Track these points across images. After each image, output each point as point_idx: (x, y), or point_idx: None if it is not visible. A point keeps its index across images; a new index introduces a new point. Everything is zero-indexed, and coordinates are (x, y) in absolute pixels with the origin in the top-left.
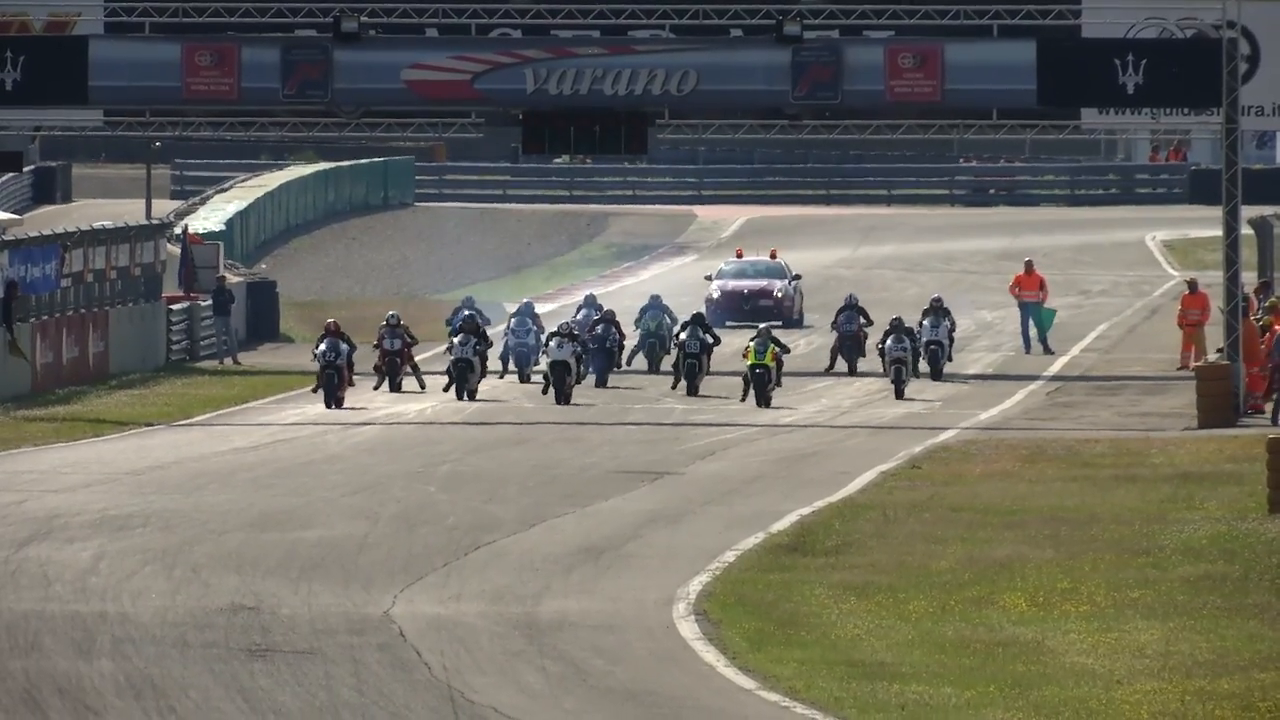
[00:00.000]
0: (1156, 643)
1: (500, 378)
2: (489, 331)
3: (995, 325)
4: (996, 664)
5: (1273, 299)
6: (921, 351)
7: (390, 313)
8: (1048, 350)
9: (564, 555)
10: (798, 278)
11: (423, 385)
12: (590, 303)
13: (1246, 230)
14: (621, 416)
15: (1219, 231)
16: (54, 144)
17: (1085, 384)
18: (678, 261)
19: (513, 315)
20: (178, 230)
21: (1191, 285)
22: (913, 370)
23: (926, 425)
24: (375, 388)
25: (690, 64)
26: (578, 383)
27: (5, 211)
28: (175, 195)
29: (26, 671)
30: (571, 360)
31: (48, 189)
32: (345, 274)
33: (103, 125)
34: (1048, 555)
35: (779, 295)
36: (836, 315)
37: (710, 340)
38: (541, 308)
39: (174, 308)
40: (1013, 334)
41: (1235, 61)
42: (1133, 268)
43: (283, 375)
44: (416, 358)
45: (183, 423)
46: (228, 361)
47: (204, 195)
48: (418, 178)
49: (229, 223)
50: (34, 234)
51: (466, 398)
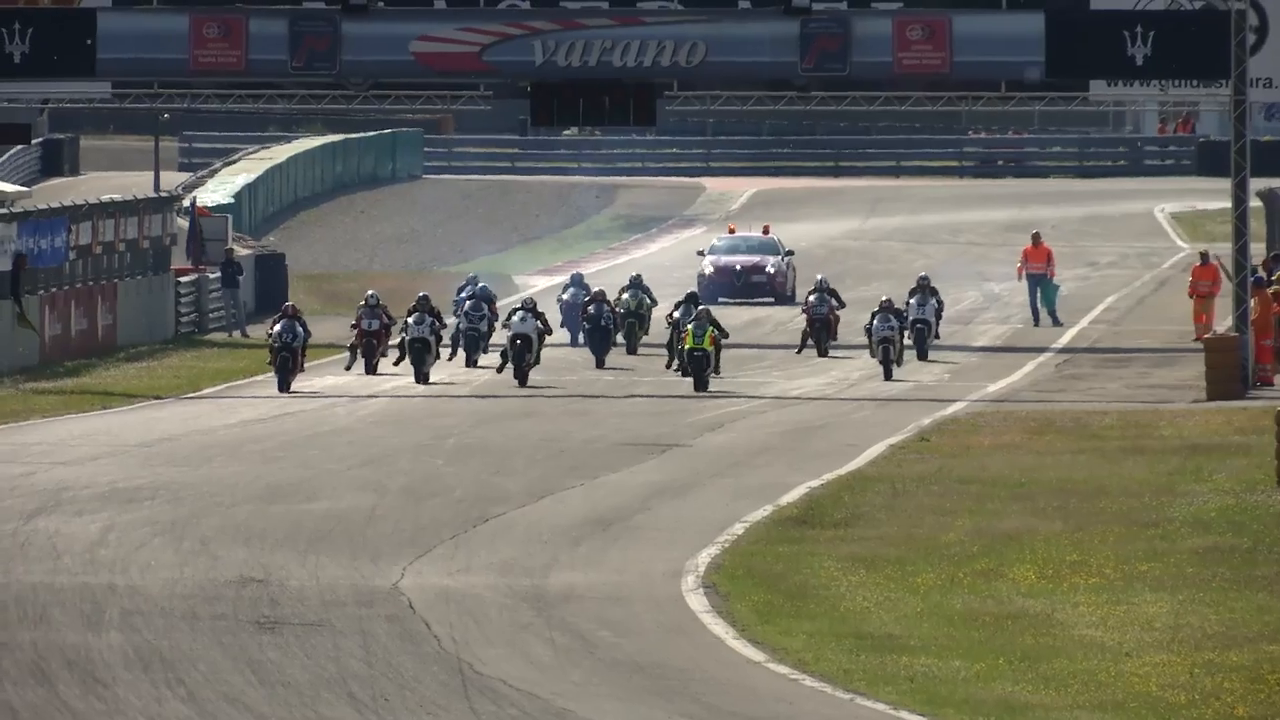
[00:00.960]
0: (1165, 615)
1: (450, 359)
2: (469, 310)
3: (1003, 297)
4: (1005, 636)
5: None
6: (908, 330)
7: (369, 292)
8: (1056, 322)
9: (572, 527)
10: (791, 254)
11: (398, 364)
12: (577, 281)
13: (1255, 202)
14: (630, 389)
15: (1227, 204)
16: (62, 116)
17: (1094, 356)
18: (686, 234)
19: (465, 289)
20: (186, 203)
21: (1203, 256)
22: (900, 350)
23: (935, 398)
24: (347, 368)
25: (699, 35)
26: (537, 362)
27: (13, 184)
28: (183, 168)
29: (35, 643)
30: (534, 336)
31: (56, 161)
32: (353, 246)
33: (110, 97)
34: (1056, 527)
35: (772, 271)
36: (807, 296)
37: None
38: (548, 280)
39: (182, 280)
40: (1020, 306)
41: (1244, 33)
42: (1141, 239)
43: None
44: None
45: (191, 395)
46: (236, 334)
47: (212, 168)
48: (426, 150)
49: (237, 195)
50: (42, 206)
51: (421, 380)
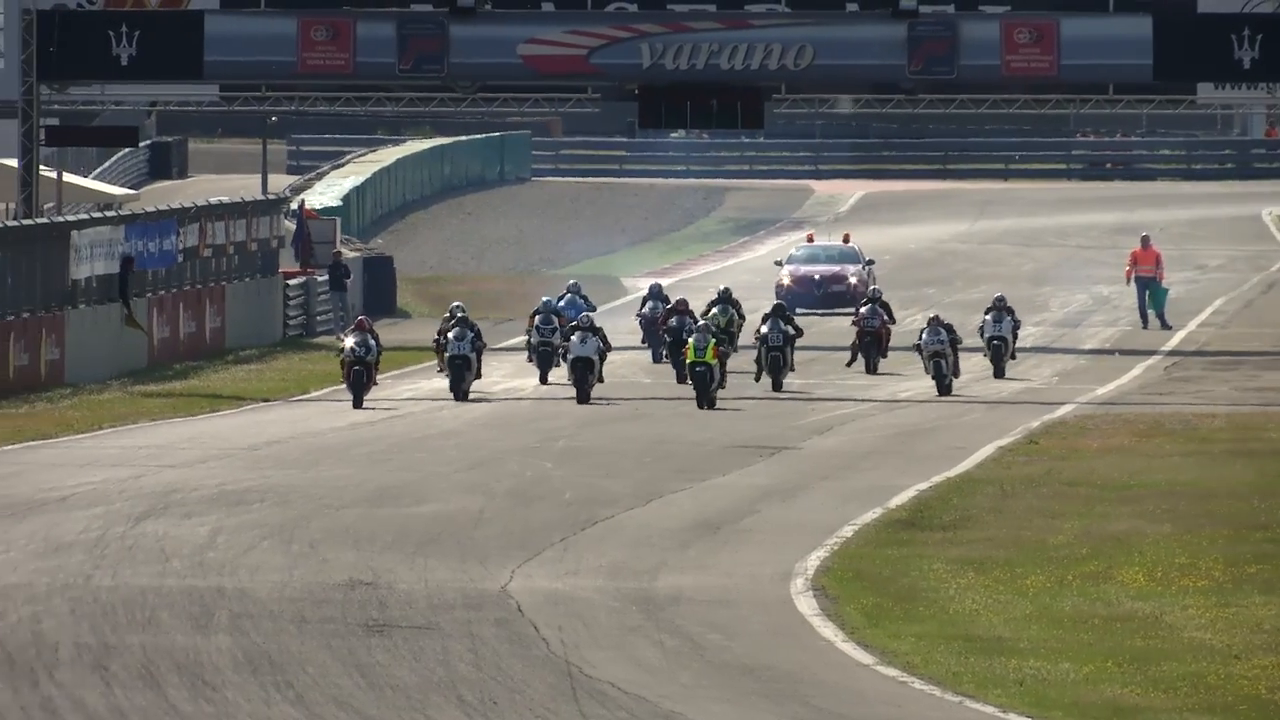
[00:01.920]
0: (1274, 617)
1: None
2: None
3: (1112, 300)
4: (1114, 639)
5: None
6: (986, 348)
7: (455, 303)
8: (1165, 325)
9: (680, 530)
10: (871, 262)
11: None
12: (656, 294)
13: None
14: (739, 391)
15: None
16: (170, 119)
17: (1202, 359)
18: (794, 236)
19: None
20: (294, 205)
21: None
22: (954, 364)
23: (1043, 400)
24: (440, 370)
25: (806, 38)
26: (600, 381)
27: (122, 187)
28: (291, 170)
29: (144, 646)
30: (595, 357)
31: (164, 164)
32: (462, 249)
33: (218, 100)
34: (1165, 530)
35: (853, 281)
36: (858, 308)
37: (793, 331)
38: (659, 281)
39: (290, 283)
40: (1129, 309)
41: None
42: (1248, 243)
43: (399, 351)
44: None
45: (299, 398)
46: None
47: (320, 170)
48: (534, 152)
49: (345, 198)
50: (150, 209)
51: (461, 398)
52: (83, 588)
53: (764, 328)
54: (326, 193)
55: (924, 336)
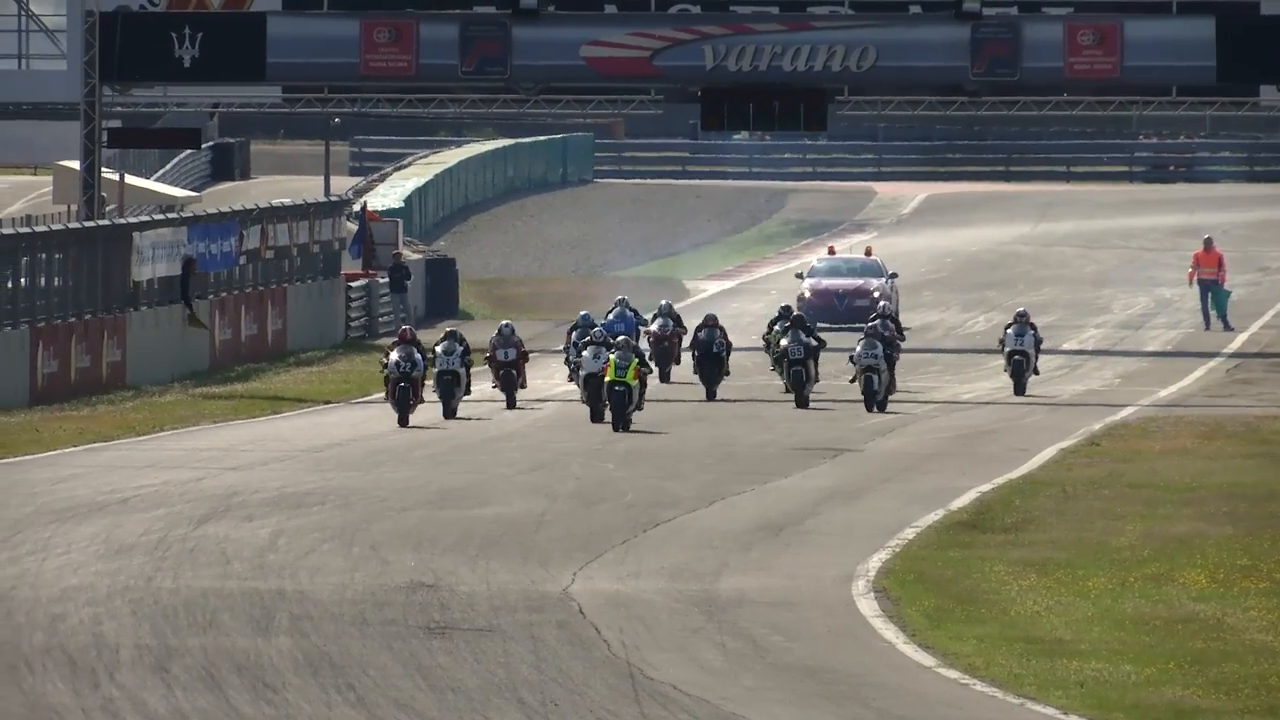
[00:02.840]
0: None
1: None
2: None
3: (1174, 303)
4: (1176, 641)
5: None
6: (1006, 362)
7: (504, 322)
8: (1227, 327)
9: (742, 532)
10: (894, 276)
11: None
12: (666, 311)
13: None
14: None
15: None
16: (232, 121)
17: (1264, 361)
18: (857, 238)
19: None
20: (356, 207)
21: None
22: (886, 383)
23: (1105, 402)
24: (508, 406)
25: (869, 40)
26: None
27: (184, 188)
28: (354, 172)
29: (205, 649)
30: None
31: (226, 166)
32: (524, 251)
33: (281, 102)
34: (1227, 532)
35: (876, 295)
36: (869, 321)
37: (815, 343)
38: (719, 285)
39: (352, 285)
40: (1191, 311)
41: None
42: None
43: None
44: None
45: (361, 400)
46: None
47: (382, 172)
48: (597, 154)
49: (408, 199)
50: (212, 211)
51: (449, 415)
52: (144, 590)
53: (784, 341)
54: (389, 194)
55: (859, 348)
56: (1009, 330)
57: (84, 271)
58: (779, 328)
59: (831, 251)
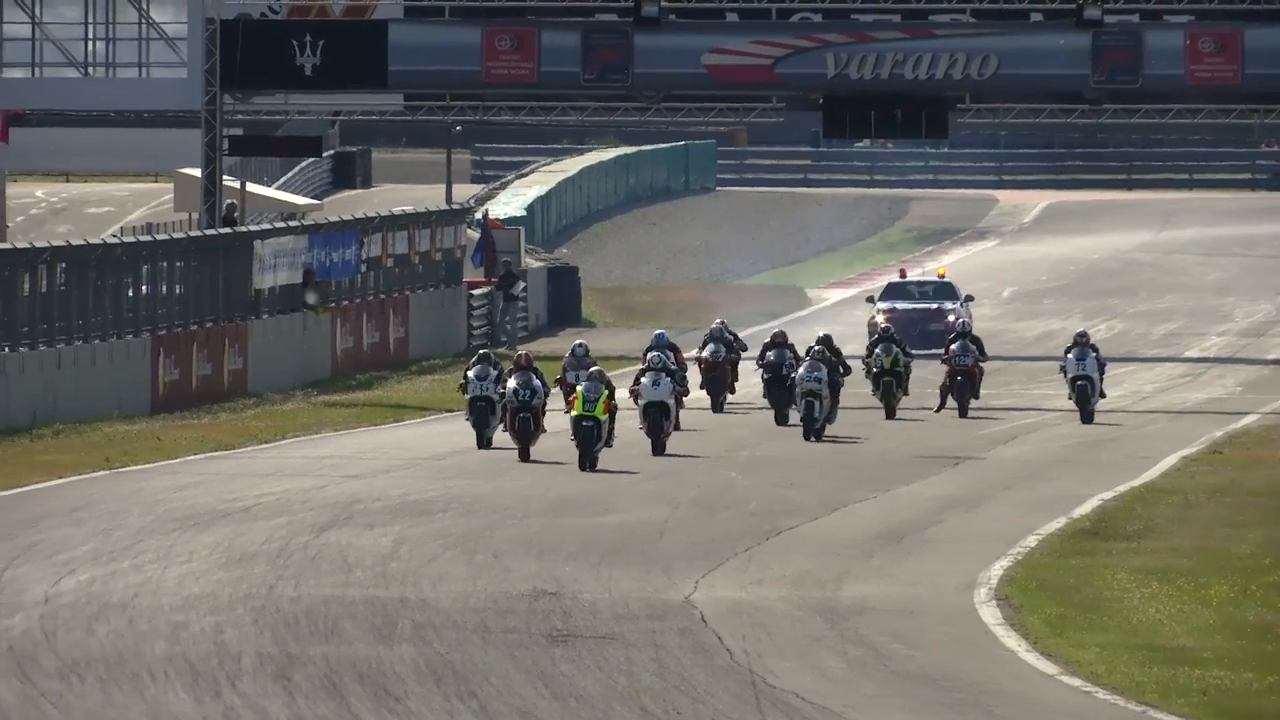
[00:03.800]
0: None
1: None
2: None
3: None
4: None
5: None
6: (1070, 388)
7: (578, 342)
8: None
9: (864, 540)
10: (970, 299)
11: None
12: (717, 335)
13: None
14: (912, 402)
15: None
16: (353, 129)
17: None
18: (978, 246)
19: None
20: (478, 215)
21: None
22: (828, 410)
23: (1227, 410)
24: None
25: (990, 48)
26: (677, 428)
27: (305, 197)
28: (475, 180)
29: (327, 657)
30: (670, 402)
31: (347, 174)
32: (646, 259)
33: (402, 110)
34: None
35: (952, 319)
36: (947, 344)
37: (839, 374)
38: (841, 293)
39: (474, 292)
40: None
41: None
42: None
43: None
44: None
45: None
46: (518, 348)
47: (504, 180)
48: (719, 162)
49: (530, 207)
50: (334, 219)
51: (484, 445)
52: (266, 598)
53: (802, 368)
54: (511, 202)
55: (801, 370)
56: (1069, 355)
57: (205, 279)
58: (880, 349)
59: (903, 274)
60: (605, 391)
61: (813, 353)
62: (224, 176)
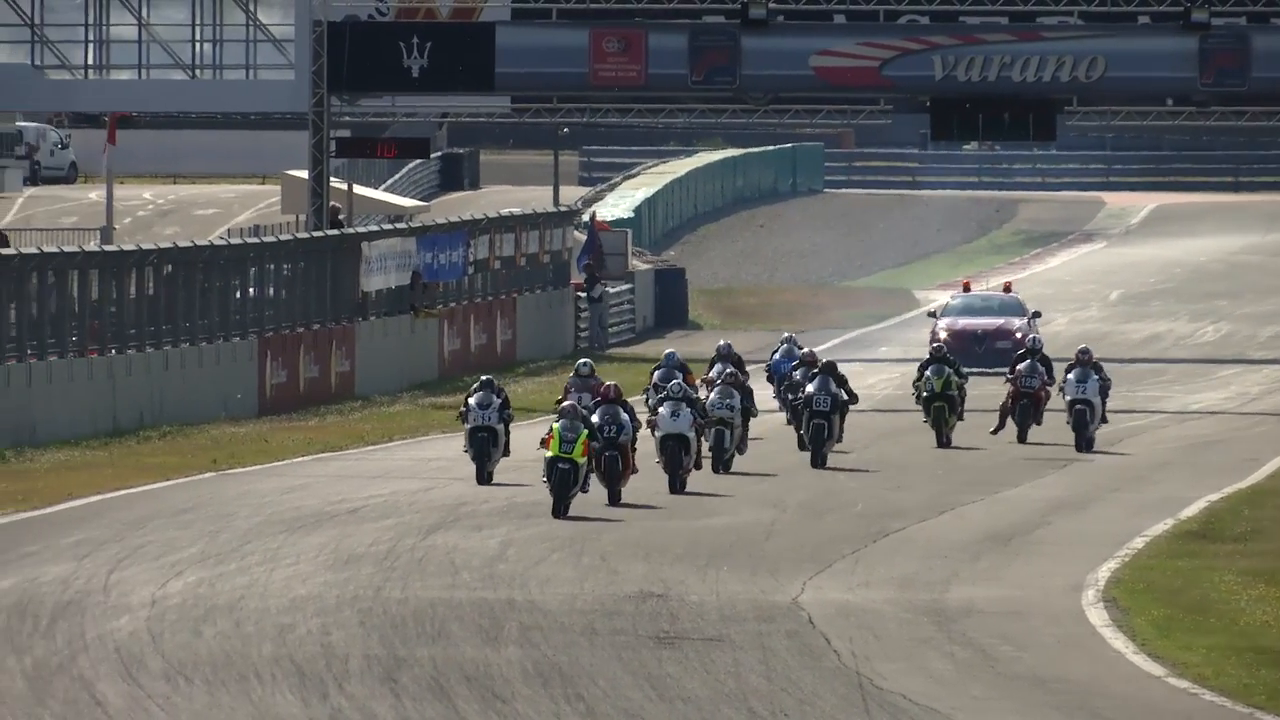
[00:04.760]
0: None
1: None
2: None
3: None
4: None
5: None
6: (1068, 412)
7: (582, 361)
8: None
9: (971, 542)
10: (1037, 315)
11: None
12: (725, 353)
13: None
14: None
15: None
16: (461, 130)
17: None
18: (1085, 248)
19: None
20: (585, 217)
21: None
22: (739, 438)
23: None
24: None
25: (1098, 50)
26: (697, 467)
27: (412, 198)
28: (583, 182)
29: (434, 659)
30: (691, 434)
31: (455, 175)
32: (754, 261)
33: (509, 112)
34: None
35: (1019, 336)
36: (1013, 364)
37: (845, 396)
38: (949, 295)
39: (582, 294)
40: None
41: None
42: None
43: (689, 363)
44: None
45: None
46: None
47: (612, 182)
48: (826, 164)
49: (637, 209)
50: (441, 221)
51: (484, 480)
52: (372, 600)
53: (810, 386)
54: (618, 204)
55: (712, 395)
56: (1069, 375)
57: (312, 282)
58: (930, 371)
59: (967, 287)
60: (584, 433)
61: (725, 377)
62: (331, 178)
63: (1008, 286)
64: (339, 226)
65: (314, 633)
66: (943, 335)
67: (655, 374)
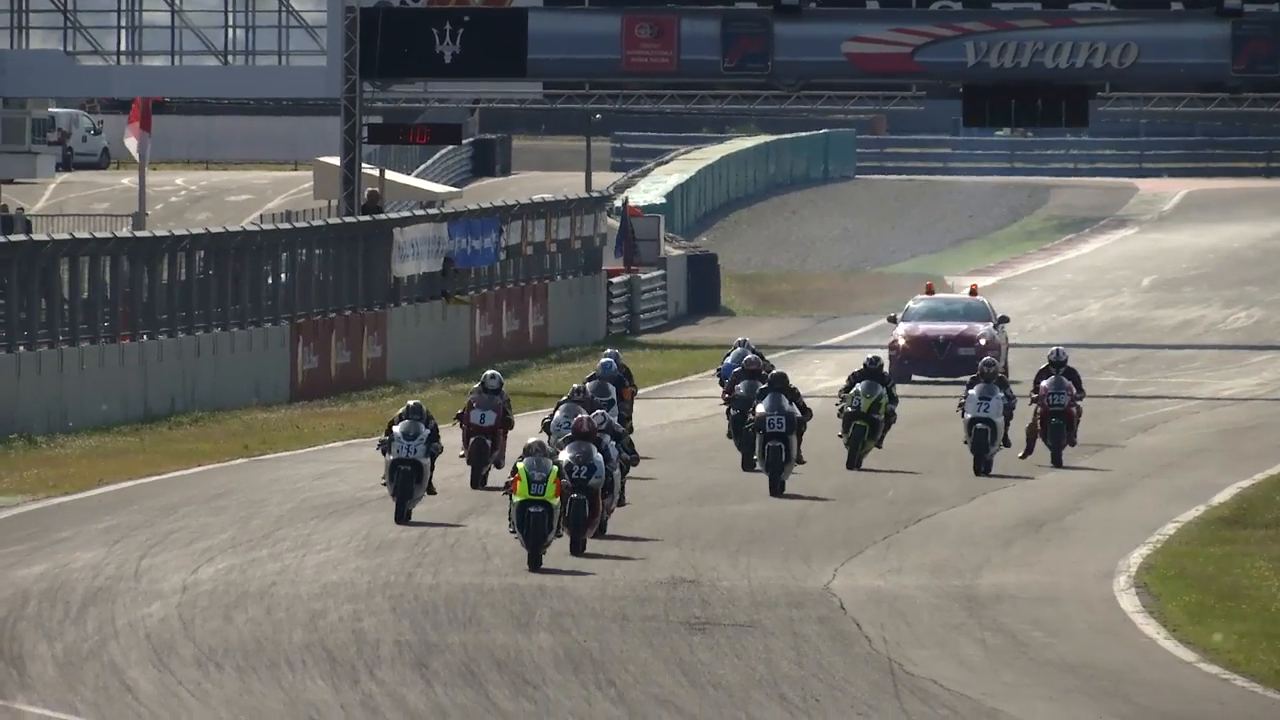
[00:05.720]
0: None
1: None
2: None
3: None
4: None
5: None
6: (966, 432)
7: (489, 373)
8: None
9: (1003, 529)
10: (1005, 320)
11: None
12: (608, 368)
13: None
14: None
15: None
16: (492, 117)
17: None
18: (1118, 234)
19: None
20: (618, 203)
21: None
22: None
23: None
24: (472, 484)
25: (1130, 37)
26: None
27: (444, 184)
28: (615, 168)
29: (465, 645)
30: (598, 480)
31: (487, 161)
32: (785, 247)
33: (542, 98)
34: None
35: (983, 343)
36: (1037, 380)
37: (799, 414)
38: (982, 281)
39: (614, 280)
40: None
41: None
42: None
43: (722, 349)
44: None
45: None
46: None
47: (644, 168)
48: (859, 150)
49: (669, 195)
50: (473, 207)
51: (402, 519)
52: (404, 586)
53: (760, 407)
54: (650, 190)
55: (970, 393)
56: (971, 391)
57: (345, 267)
58: (861, 387)
59: (930, 290)
60: (554, 470)
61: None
62: (363, 164)
63: (974, 290)
64: (379, 212)
65: (345, 619)
66: (902, 341)
67: (588, 385)
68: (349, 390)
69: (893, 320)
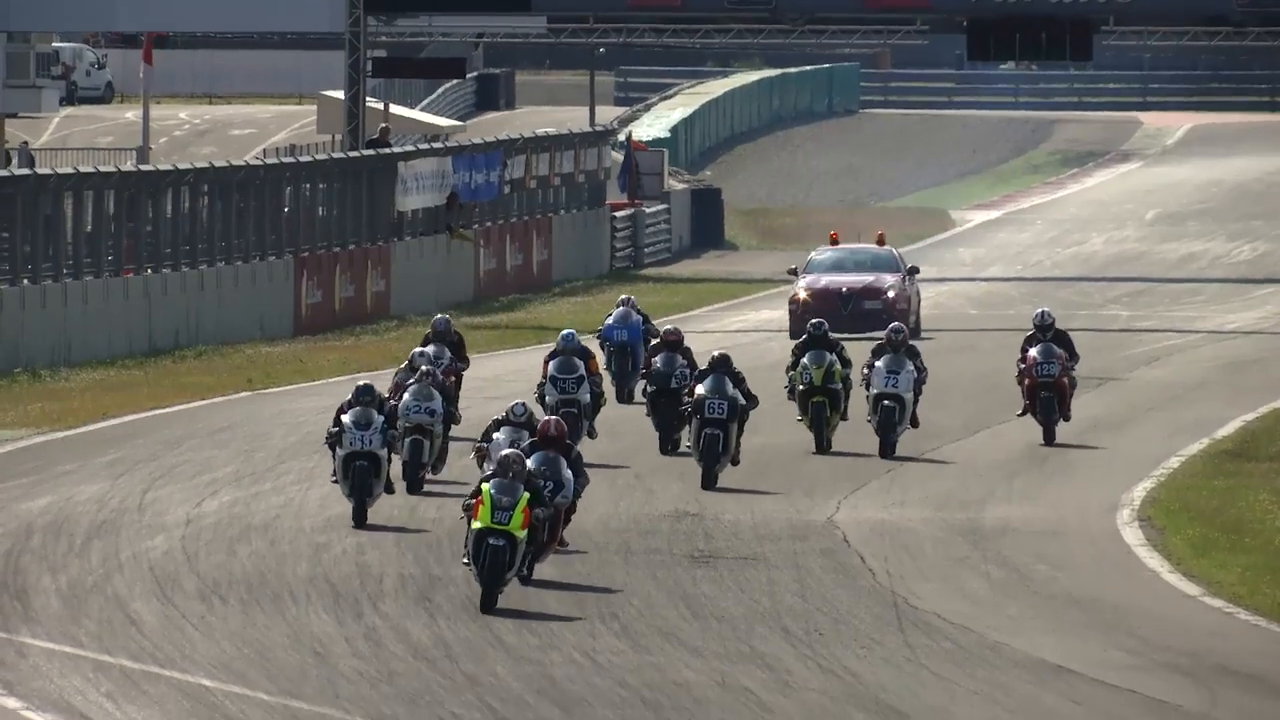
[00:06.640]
0: None
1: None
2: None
3: None
4: None
5: None
6: (871, 409)
7: (417, 350)
8: None
9: (1007, 462)
10: (915, 270)
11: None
12: (568, 340)
13: None
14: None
15: None
16: (496, 51)
17: None
18: (1122, 168)
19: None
20: (622, 137)
21: None
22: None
23: None
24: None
25: None
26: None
27: (448, 118)
28: (619, 102)
29: (468, 578)
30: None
31: (491, 96)
32: (789, 181)
33: (546, 32)
34: None
35: (891, 295)
36: (1024, 347)
37: (743, 401)
38: (985, 215)
39: (618, 215)
40: None
41: None
42: None
43: (725, 283)
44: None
45: None
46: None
47: (648, 102)
48: (863, 85)
49: (673, 130)
50: (477, 141)
51: (359, 522)
52: (407, 519)
53: (701, 388)
54: (654, 124)
55: (877, 365)
56: (878, 363)
57: (348, 202)
58: (808, 359)
59: (834, 240)
60: (525, 496)
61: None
62: (367, 99)
63: (881, 239)
64: (388, 146)
65: (349, 552)
66: (803, 295)
67: (550, 364)
68: (353, 325)
69: (793, 273)
